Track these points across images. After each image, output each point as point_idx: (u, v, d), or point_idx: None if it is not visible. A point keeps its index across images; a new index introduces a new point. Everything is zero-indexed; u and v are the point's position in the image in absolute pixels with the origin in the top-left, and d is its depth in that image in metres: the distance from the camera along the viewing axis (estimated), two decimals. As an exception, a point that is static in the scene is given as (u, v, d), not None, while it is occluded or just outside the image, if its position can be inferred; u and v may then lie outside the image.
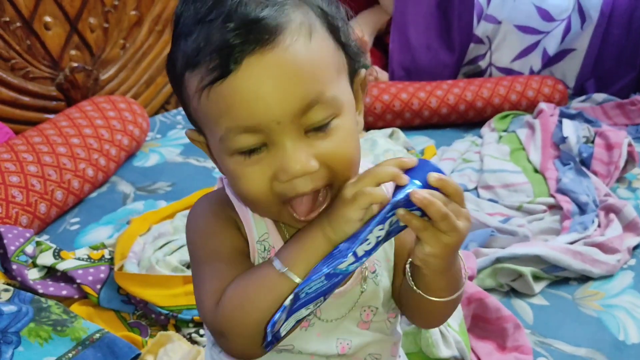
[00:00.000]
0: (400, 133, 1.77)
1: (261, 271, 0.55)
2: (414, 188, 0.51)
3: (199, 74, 0.51)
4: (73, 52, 1.81)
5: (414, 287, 0.58)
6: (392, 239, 0.59)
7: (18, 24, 1.66)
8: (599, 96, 2.10)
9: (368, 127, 1.86)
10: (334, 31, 0.55)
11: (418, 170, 0.52)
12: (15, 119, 1.69)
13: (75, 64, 1.81)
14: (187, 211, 1.33)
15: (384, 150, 1.55)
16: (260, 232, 0.60)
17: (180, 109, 2.06)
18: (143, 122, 1.73)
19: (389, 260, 0.66)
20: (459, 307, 1.06)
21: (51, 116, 1.72)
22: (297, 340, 0.62)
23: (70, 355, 0.92)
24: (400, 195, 0.51)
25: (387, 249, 0.66)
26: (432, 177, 0.51)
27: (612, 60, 2.15)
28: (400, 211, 0.51)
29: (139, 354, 0.97)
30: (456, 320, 1.02)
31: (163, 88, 2.07)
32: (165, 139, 1.87)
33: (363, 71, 0.60)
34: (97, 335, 0.96)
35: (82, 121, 1.57)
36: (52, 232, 1.39)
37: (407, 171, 0.53)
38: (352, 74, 0.59)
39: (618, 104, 2.05)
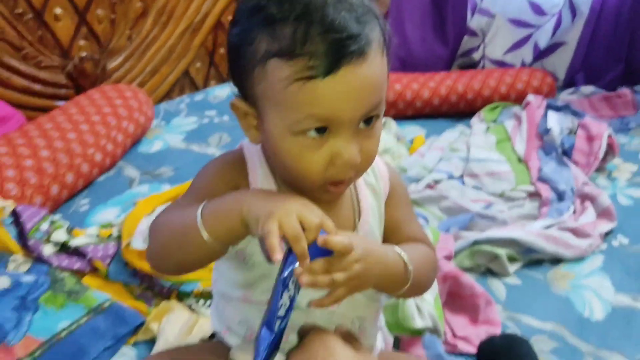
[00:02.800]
0: (392, 123, 1.84)
1: (188, 216, 0.64)
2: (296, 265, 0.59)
3: (294, 66, 0.58)
4: (82, 42, 1.89)
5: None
6: (382, 219, 0.76)
7: (30, 16, 1.74)
8: (587, 89, 2.17)
9: (362, 117, 1.95)
10: (387, 45, 0.64)
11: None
12: (27, 106, 1.77)
13: (83, 54, 1.89)
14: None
15: (375, 139, 1.64)
16: None
17: (184, 97, 2.15)
18: (148, 109, 1.82)
19: (380, 235, 0.77)
20: (435, 283, 1.15)
21: (61, 103, 1.81)
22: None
23: (82, 320, 1.02)
24: (287, 272, 0.59)
25: (379, 225, 0.77)
26: (319, 240, 0.59)
27: (600, 54, 2.21)
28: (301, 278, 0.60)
29: (144, 321, 1.07)
30: (432, 295, 1.10)
31: (167, 77, 2.16)
32: (169, 127, 1.95)
33: None
34: (107, 303, 1.05)
35: (90, 109, 1.66)
36: (64, 212, 1.47)
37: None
38: None
39: (605, 96, 2.12)
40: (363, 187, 0.76)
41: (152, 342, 1.07)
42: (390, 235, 0.79)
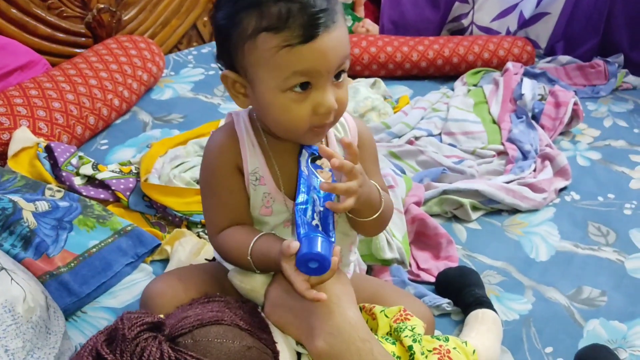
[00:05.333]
0: (381, 83, 1.97)
1: (241, 251, 0.87)
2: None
3: (282, 37, 0.75)
4: (100, -6, 2.01)
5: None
6: None
7: (54, -32, 1.87)
8: (564, 58, 2.29)
9: (355, 76, 2.08)
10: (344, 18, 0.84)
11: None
12: (52, 52, 1.91)
13: (101, 5, 2.00)
14: (198, 139, 1.60)
15: (364, 97, 1.80)
16: (253, 166, 0.89)
17: (191, 49, 2.27)
18: (160, 60, 1.97)
19: None
20: (404, 222, 1.34)
21: (80, 50, 1.95)
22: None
23: (109, 240, 1.20)
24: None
25: None
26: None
27: (580, 25, 2.32)
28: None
29: (159, 244, 1.27)
30: (400, 233, 1.30)
31: (177, 29, 2.27)
32: (178, 77, 2.08)
33: None
34: (129, 227, 1.24)
35: (108, 57, 1.81)
36: (86, 150, 1.63)
37: None
38: None
39: (579, 66, 2.24)
40: (334, 142, 0.93)
41: (165, 261, 1.26)
42: None
